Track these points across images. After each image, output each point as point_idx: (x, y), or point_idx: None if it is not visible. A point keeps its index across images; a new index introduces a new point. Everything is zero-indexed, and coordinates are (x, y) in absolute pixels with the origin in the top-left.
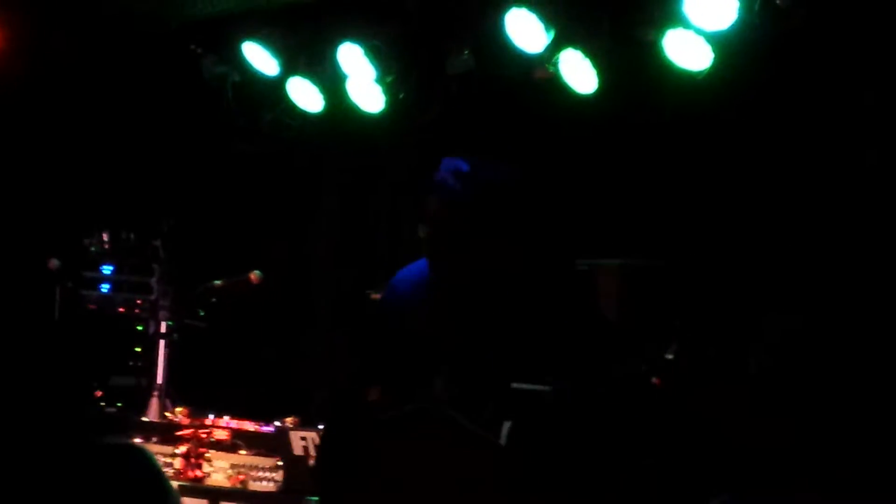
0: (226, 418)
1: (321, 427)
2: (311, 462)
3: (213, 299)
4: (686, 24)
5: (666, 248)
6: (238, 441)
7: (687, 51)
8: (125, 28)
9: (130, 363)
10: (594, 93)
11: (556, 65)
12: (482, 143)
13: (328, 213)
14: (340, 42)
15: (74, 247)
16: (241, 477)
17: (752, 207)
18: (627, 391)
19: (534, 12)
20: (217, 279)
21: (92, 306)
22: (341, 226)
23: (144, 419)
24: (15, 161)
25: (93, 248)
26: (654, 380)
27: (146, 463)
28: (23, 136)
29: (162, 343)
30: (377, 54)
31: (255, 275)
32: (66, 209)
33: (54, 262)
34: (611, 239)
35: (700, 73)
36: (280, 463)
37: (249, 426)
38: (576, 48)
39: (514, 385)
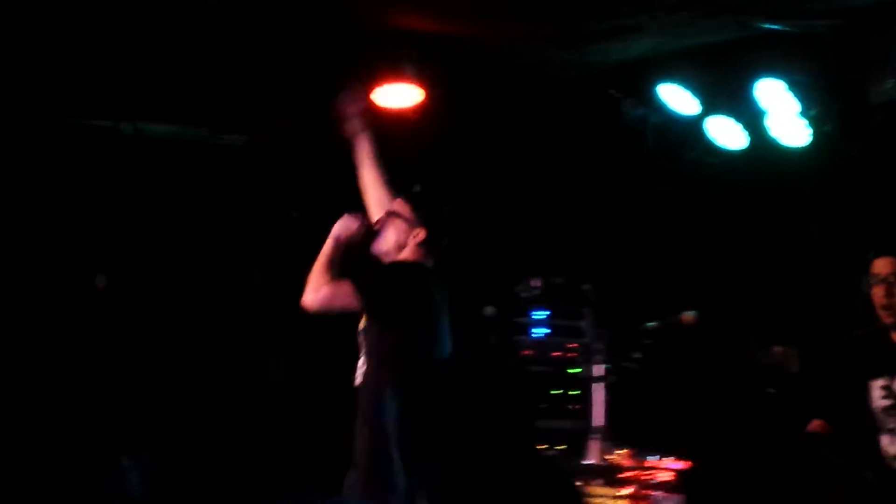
0: (669, 459)
1: None
2: None
3: (648, 341)
4: None
5: None
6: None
7: None
8: (543, 76)
9: (568, 407)
10: None
11: None
12: None
13: (754, 251)
14: (759, 78)
15: (507, 294)
16: None
17: None
18: None
19: None
20: (650, 321)
21: (526, 352)
22: (767, 264)
23: (586, 462)
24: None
25: (523, 295)
26: None
27: None
28: (447, 186)
29: (599, 386)
30: (800, 88)
31: (688, 315)
32: (498, 258)
33: (489, 310)
34: None
35: None
36: None
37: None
38: None
39: None
